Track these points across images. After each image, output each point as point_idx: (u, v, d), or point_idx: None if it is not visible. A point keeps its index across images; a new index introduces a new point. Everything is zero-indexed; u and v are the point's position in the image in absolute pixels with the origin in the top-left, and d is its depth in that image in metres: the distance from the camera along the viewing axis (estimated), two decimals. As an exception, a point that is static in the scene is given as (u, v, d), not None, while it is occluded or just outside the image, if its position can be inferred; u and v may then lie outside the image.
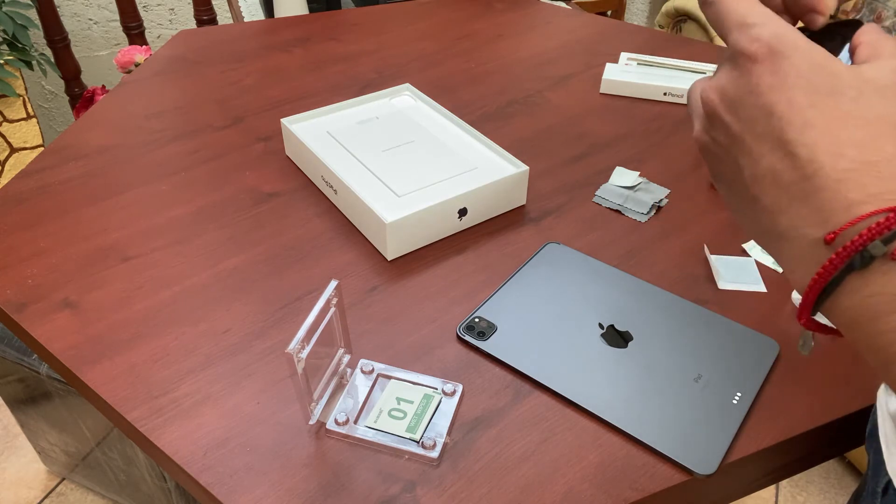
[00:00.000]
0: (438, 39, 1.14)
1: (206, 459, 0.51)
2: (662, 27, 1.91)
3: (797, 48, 0.29)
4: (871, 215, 0.26)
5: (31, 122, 1.70)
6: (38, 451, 1.30)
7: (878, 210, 0.26)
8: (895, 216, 0.25)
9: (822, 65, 0.28)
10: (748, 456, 0.52)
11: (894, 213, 0.25)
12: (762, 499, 1.36)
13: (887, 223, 0.26)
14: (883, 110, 0.28)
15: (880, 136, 0.27)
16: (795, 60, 0.28)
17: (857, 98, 0.28)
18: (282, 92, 0.98)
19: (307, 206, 0.76)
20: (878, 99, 0.28)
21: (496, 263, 0.69)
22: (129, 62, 1.59)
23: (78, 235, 0.71)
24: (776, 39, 0.29)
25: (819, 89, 0.28)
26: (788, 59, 0.29)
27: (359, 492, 0.49)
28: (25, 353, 1.05)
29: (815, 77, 0.28)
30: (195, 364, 0.58)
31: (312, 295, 0.65)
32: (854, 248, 0.26)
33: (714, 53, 1.10)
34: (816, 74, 0.28)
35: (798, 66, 0.28)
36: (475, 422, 0.54)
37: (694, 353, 0.58)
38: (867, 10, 1.61)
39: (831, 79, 0.28)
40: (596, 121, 0.93)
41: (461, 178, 0.74)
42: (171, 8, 2.03)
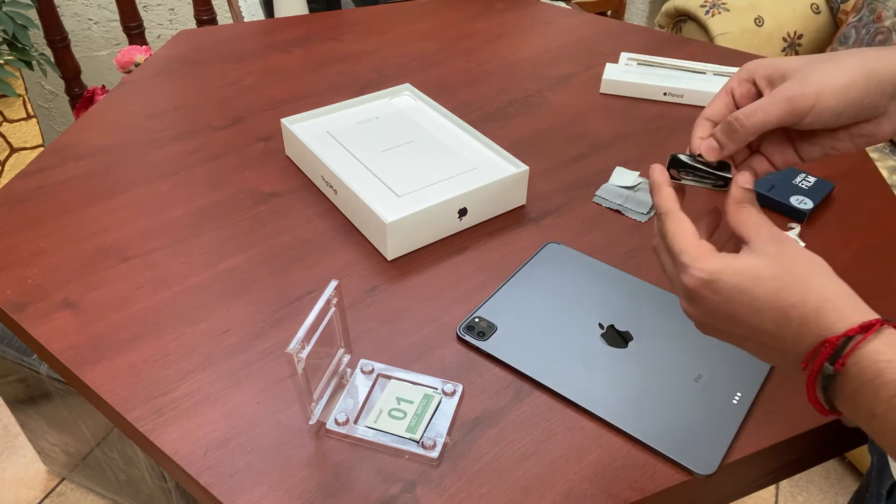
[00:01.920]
0: (438, 39, 1.14)
1: (206, 459, 0.51)
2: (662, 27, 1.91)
3: (720, 274, 0.40)
4: (816, 348, 0.37)
5: (31, 122, 1.70)
6: (38, 451, 1.30)
7: (818, 344, 0.37)
8: (829, 346, 0.37)
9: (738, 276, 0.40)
10: (748, 456, 0.52)
11: (828, 344, 0.37)
12: (762, 499, 1.36)
13: (827, 351, 0.37)
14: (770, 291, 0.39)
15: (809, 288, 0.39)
16: (725, 280, 0.40)
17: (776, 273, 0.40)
18: (282, 92, 0.98)
19: (307, 206, 0.76)
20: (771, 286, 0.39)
21: (496, 263, 0.69)
22: (129, 62, 1.59)
23: (78, 235, 0.71)
24: (708, 276, 0.40)
25: (750, 289, 0.39)
26: (719, 281, 0.40)
27: (359, 492, 0.49)
28: (25, 353, 1.05)
29: (744, 282, 0.40)
30: (195, 364, 0.58)
31: (312, 295, 0.65)
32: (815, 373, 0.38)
33: (714, 53, 1.10)
34: (744, 277, 0.40)
35: (728, 282, 0.40)
36: (475, 422, 0.54)
37: (694, 353, 0.58)
38: (867, 10, 1.61)
39: (753, 276, 0.40)
40: (596, 121, 0.93)
41: (461, 178, 0.74)
42: (171, 8, 2.03)
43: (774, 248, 0.40)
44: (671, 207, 0.44)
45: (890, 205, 0.78)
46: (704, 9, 1.75)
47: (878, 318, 0.37)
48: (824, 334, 0.37)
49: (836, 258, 0.70)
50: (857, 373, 0.36)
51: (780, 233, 0.42)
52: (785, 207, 0.76)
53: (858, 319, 0.37)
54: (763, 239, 0.41)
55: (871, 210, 0.77)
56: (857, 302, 0.38)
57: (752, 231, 0.42)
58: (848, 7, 1.77)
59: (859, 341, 0.36)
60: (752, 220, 0.42)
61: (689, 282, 0.41)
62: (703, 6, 1.76)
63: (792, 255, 0.40)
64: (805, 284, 0.39)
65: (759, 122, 0.42)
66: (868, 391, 0.36)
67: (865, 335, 0.36)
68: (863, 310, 0.38)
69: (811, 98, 0.41)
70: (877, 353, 0.36)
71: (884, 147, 1.51)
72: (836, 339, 0.37)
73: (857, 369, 0.36)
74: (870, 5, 1.61)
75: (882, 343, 0.36)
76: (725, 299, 0.40)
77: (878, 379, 0.35)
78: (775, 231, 0.42)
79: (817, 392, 0.39)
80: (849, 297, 0.38)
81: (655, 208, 0.45)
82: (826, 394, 0.38)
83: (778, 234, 0.41)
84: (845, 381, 0.37)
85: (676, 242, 0.43)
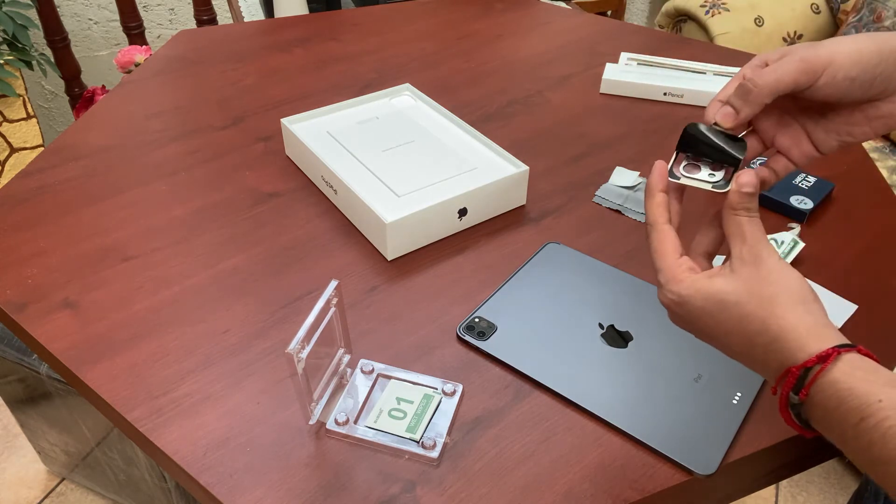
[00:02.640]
0: (438, 39, 1.14)
1: (206, 459, 0.51)
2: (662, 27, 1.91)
3: (689, 298, 0.42)
4: (781, 378, 0.39)
5: (31, 122, 1.70)
6: (38, 451, 1.30)
7: (782, 374, 0.39)
8: (791, 377, 0.38)
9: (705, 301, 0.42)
10: (748, 456, 0.52)
11: (790, 374, 0.38)
12: (762, 499, 1.35)
13: (789, 381, 0.38)
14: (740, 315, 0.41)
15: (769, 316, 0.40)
16: (691, 303, 0.42)
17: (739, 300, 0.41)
18: (282, 92, 0.98)
19: (307, 206, 0.76)
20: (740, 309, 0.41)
21: (496, 263, 0.69)
22: (129, 62, 1.59)
23: (78, 235, 0.71)
24: (675, 297, 0.42)
25: (714, 311, 0.41)
26: (688, 303, 0.42)
27: (359, 492, 0.49)
28: (25, 353, 1.05)
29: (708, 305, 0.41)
30: (195, 364, 0.58)
31: (312, 295, 0.65)
32: (784, 401, 0.39)
33: (714, 53, 1.10)
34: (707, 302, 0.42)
35: (693, 306, 0.42)
36: (475, 422, 0.54)
37: (694, 353, 0.58)
38: (867, 10, 1.61)
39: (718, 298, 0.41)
40: (596, 121, 0.93)
41: (461, 178, 0.74)
42: (171, 8, 2.03)
43: (748, 269, 0.41)
44: (656, 219, 0.45)
45: (890, 205, 0.78)
46: (704, 9, 1.75)
47: (835, 347, 0.37)
48: (786, 363, 0.38)
49: (836, 258, 0.70)
50: (822, 401, 0.37)
51: (760, 250, 0.41)
52: (785, 207, 0.76)
53: (816, 349, 0.37)
54: (741, 257, 0.41)
55: (871, 210, 0.77)
56: (820, 329, 0.38)
57: (735, 245, 0.42)
58: (848, 7, 1.77)
59: (818, 372, 0.37)
60: (739, 232, 0.42)
61: (662, 300, 0.44)
62: (703, 6, 1.76)
63: (764, 278, 0.40)
64: (768, 311, 0.39)
65: (771, 81, 0.41)
66: (835, 417, 0.37)
67: (824, 366, 0.37)
68: (825, 336, 0.38)
69: (824, 58, 0.40)
70: (836, 383, 0.37)
71: (884, 147, 1.51)
72: (797, 369, 0.38)
73: (820, 398, 0.37)
74: (870, 5, 1.61)
75: (840, 372, 0.37)
76: (696, 318, 0.42)
77: (841, 406, 0.36)
78: (756, 247, 0.41)
79: (791, 414, 0.40)
80: (812, 324, 0.38)
81: (647, 216, 0.45)
82: (799, 417, 0.40)
83: (758, 251, 0.41)
84: (812, 408, 0.38)
85: (656, 259, 0.44)
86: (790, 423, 0.40)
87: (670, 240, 0.44)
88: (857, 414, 0.36)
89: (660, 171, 0.45)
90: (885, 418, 0.35)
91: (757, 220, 0.42)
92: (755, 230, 0.41)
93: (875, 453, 0.35)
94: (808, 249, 0.70)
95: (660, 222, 0.44)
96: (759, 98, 0.42)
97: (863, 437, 0.35)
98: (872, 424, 0.35)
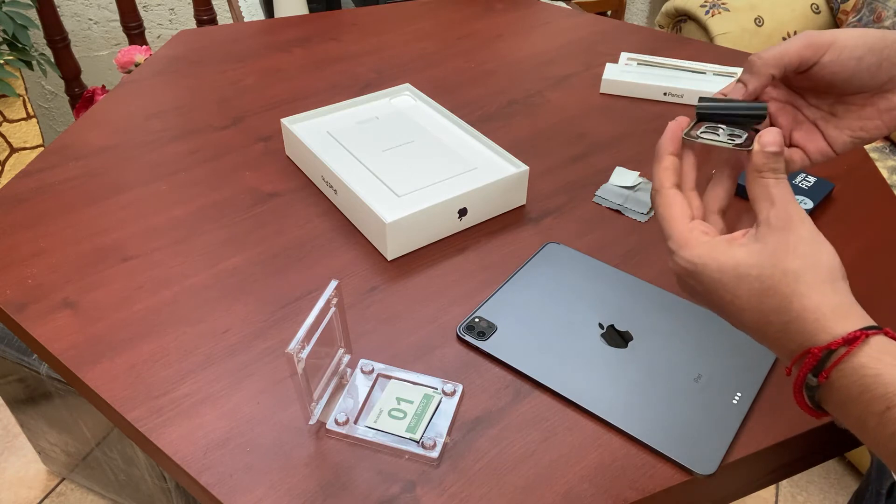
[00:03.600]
0: (438, 39, 1.14)
1: (206, 459, 0.51)
2: (662, 27, 1.91)
3: (703, 267, 0.39)
4: (799, 358, 0.37)
5: (31, 122, 1.70)
6: (38, 451, 1.30)
7: (800, 354, 0.37)
8: (812, 358, 0.36)
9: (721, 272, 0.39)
10: (748, 456, 0.52)
11: (810, 355, 0.36)
12: (762, 499, 1.36)
13: (809, 362, 0.36)
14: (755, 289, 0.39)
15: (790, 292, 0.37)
16: (704, 274, 0.40)
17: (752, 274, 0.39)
18: (282, 92, 0.98)
19: (307, 206, 0.76)
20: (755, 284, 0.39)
21: (496, 263, 0.69)
22: (129, 62, 1.59)
23: (78, 235, 0.71)
24: (689, 265, 0.40)
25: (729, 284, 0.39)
26: (701, 274, 0.40)
27: (359, 492, 0.49)
28: (25, 353, 1.05)
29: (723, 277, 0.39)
30: (195, 364, 0.58)
31: (312, 295, 0.65)
32: (800, 382, 0.37)
33: (714, 53, 1.10)
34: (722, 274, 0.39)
35: (707, 276, 0.40)
36: (475, 422, 0.54)
37: (694, 353, 0.58)
38: (867, 10, 1.61)
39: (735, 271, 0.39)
40: (596, 121, 0.93)
41: (461, 178, 0.74)
42: (171, 8, 2.03)
43: (776, 236, 0.38)
44: (662, 183, 0.42)
45: (890, 205, 0.78)
46: (704, 9, 1.75)
47: (863, 329, 0.35)
48: (806, 344, 0.36)
49: (836, 258, 0.70)
50: (843, 386, 0.35)
51: (791, 212, 0.38)
52: (785, 207, 0.75)
53: (842, 331, 0.35)
54: (768, 222, 0.39)
55: (871, 210, 0.77)
56: (846, 309, 0.37)
57: (762, 209, 0.39)
58: (848, 7, 1.77)
59: (843, 355, 0.35)
60: (766, 195, 0.39)
61: (674, 267, 0.41)
62: (703, 6, 1.76)
63: (793, 248, 0.38)
64: (791, 288, 0.37)
65: (777, 52, 0.41)
66: (857, 404, 0.35)
67: (850, 349, 0.35)
68: (851, 317, 0.36)
69: (828, 37, 0.41)
70: (862, 368, 0.35)
71: (884, 147, 1.51)
72: (819, 350, 0.36)
73: (842, 383, 0.35)
74: (870, 5, 1.61)
75: (867, 356, 0.35)
76: (708, 290, 0.40)
77: (866, 394, 0.34)
78: (787, 209, 0.38)
79: (804, 397, 0.38)
80: (837, 304, 0.37)
81: (653, 180, 0.43)
82: (812, 400, 0.38)
83: (789, 214, 0.38)
84: (831, 392, 0.36)
85: (665, 226, 0.42)
86: (802, 406, 0.38)
87: (678, 203, 0.42)
88: (883, 402, 0.33)
89: (672, 133, 0.43)
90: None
91: (785, 183, 0.39)
92: (784, 192, 0.39)
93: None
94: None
95: (665, 186, 0.42)
96: (765, 69, 0.42)
97: (888, 427, 0.33)
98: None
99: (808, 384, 0.36)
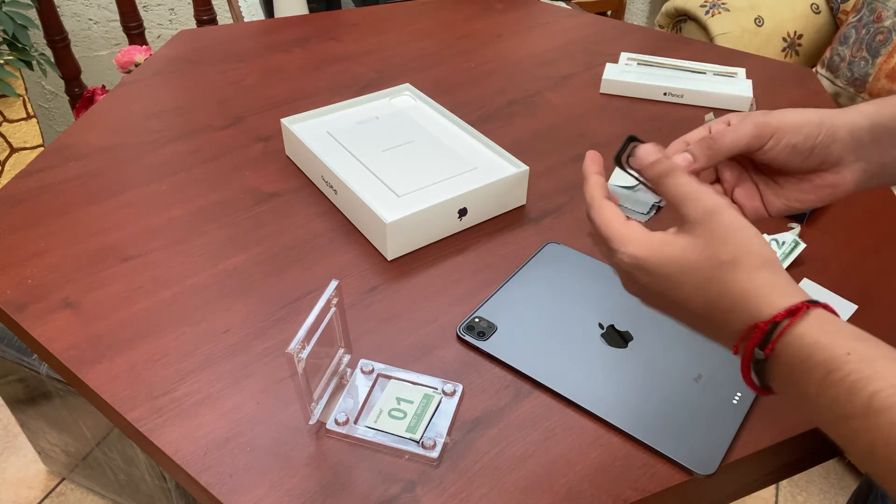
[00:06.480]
0: (438, 39, 1.14)
1: (206, 459, 0.51)
2: (662, 27, 1.91)
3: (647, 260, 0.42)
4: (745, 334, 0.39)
5: (31, 122, 1.70)
6: (38, 451, 1.30)
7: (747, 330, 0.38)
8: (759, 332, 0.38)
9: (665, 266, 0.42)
10: (748, 456, 0.52)
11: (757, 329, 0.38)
12: (762, 499, 1.36)
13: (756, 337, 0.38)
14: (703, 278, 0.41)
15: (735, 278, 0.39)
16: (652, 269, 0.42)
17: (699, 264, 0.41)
18: (282, 92, 0.98)
19: (307, 206, 0.76)
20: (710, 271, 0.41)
21: (496, 263, 0.69)
22: (129, 62, 1.59)
23: (78, 235, 0.71)
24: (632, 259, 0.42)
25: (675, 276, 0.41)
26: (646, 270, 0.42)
27: (359, 492, 0.49)
28: (25, 353, 1.05)
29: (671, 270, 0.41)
30: (195, 364, 0.58)
31: (312, 295, 0.65)
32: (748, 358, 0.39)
33: (714, 53, 1.10)
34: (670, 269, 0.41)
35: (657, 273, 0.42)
36: (475, 422, 0.54)
37: (694, 353, 0.58)
38: (867, 10, 1.61)
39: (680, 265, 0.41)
40: (596, 121, 0.93)
41: (461, 178, 0.74)
42: (171, 8, 2.03)
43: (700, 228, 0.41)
44: (594, 196, 0.46)
45: (890, 205, 0.78)
46: (704, 9, 1.75)
47: (804, 302, 0.37)
48: (752, 320, 0.38)
49: (836, 258, 0.70)
50: (788, 357, 0.37)
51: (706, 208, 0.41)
52: (785, 207, 0.76)
53: (783, 304, 0.37)
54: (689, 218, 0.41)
55: (871, 210, 0.77)
56: (786, 286, 0.39)
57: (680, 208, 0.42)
58: (848, 7, 1.77)
59: (786, 325, 0.37)
60: (675, 196, 0.42)
61: (619, 264, 0.44)
62: (703, 6, 1.76)
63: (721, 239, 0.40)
64: (731, 275, 0.39)
65: (728, 142, 0.46)
66: (799, 374, 0.36)
67: (792, 319, 0.37)
68: (792, 293, 0.38)
69: (773, 126, 0.46)
70: (804, 337, 0.36)
71: (884, 147, 1.51)
72: (765, 324, 0.37)
73: (787, 353, 0.37)
74: (870, 5, 1.61)
75: (809, 326, 0.37)
76: (655, 281, 0.42)
77: (808, 361, 0.36)
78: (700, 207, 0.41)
79: (752, 375, 0.39)
80: (777, 283, 0.39)
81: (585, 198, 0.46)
82: (760, 377, 0.39)
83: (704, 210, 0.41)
84: (777, 365, 0.38)
85: (603, 230, 0.44)
86: (749, 384, 0.40)
87: (611, 208, 0.45)
88: (823, 368, 0.35)
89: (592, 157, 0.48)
90: (852, 371, 0.34)
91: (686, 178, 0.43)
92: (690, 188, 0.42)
93: (839, 409, 0.35)
94: (808, 249, 0.70)
95: (597, 197, 0.45)
96: (717, 156, 0.46)
97: (827, 393, 0.35)
98: (838, 378, 0.35)
99: (756, 358, 0.38)
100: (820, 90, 1.01)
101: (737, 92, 0.95)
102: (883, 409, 0.33)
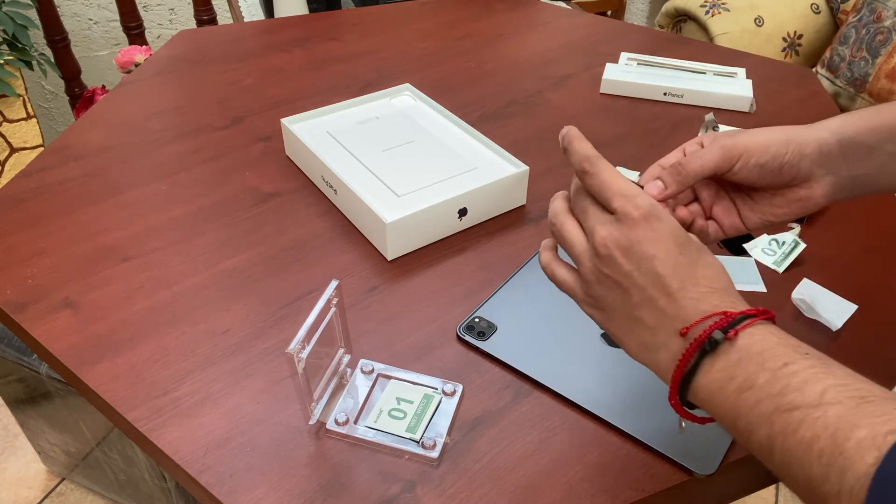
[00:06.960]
0: (438, 39, 1.14)
1: (206, 459, 0.51)
2: (662, 27, 1.91)
3: (664, 215, 0.42)
4: (711, 316, 0.40)
5: (31, 122, 1.70)
6: (38, 451, 1.30)
7: (716, 313, 0.40)
8: (726, 318, 0.39)
9: (680, 227, 0.42)
10: (748, 456, 0.52)
11: (725, 315, 0.39)
12: (762, 499, 1.35)
13: (722, 321, 0.39)
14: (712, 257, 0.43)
15: (720, 273, 0.42)
16: (665, 223, 0.42)
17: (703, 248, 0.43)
18: (282, 92, 0.98)
19: (307, 206, 0.76)
20: None
21: (496, 263, 0.69)
22: (129, 62, 1.59)
23: (78, 235, 0.71)
24: (652, 208, 0.42)
25: (681, 242, 0.42)
26: (661, 221, 0.42)
27: (359, 492, 0.49)
28: (25, 353, 1.05)
29: (678, 234, 0.42)
30: (195, 364, 0.58)
31: (312, 295, 0.65)
32: (703, 337, 0.39)
33: (714, 53, 1.10)
34: (679, 232, 0.42)
35: (667, 226, 0.42)
36: (475, 422, 0.54)
37: (694, 353, 0.58)
38: (867, 10, 1.61)
39: (687, 236, 0.42)
40: (596, 121, 0.93)
41: (461, 178, 0.74)
42: (171, 8, 2.03)
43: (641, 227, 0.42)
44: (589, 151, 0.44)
45: (890, 205, 0.78)
46: (704, 9, 1.75)
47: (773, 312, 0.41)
48: (722, 307, 0.40)
49: (836, 258, 0.70)
50: (746, 345, 0.38)
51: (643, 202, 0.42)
52: (785, 207, 0.76)
53: (754, 307, 0.40)
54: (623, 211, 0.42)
55: (871, 210, 0.77)
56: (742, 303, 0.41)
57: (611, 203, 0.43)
58: (848, 7, 1.77)
59: (757, 319, 0.39)
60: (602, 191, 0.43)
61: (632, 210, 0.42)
62: (703, 6, 1.76)
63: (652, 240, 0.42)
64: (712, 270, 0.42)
65: (696, 167, 0.47)
66: (751, 362, 0.38)
67: (770, 315, 0.40)
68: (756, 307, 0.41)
69: (740, 148, 0.47)
70: (770, 332, 0.39)
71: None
72: (736, 313, 0.39)
73: (747, 342, 0.39)
74: (870, 5, 1.61)
75: (775, 328, 0.40)
76: (658, 238, 0.41)
77: (767, 352, 0.38)
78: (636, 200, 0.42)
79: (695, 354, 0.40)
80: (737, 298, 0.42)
81: (577, 161, 0.44)
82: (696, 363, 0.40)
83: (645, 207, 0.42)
84: (729, 351, 0.39)
85: (608, 186, 0.43)
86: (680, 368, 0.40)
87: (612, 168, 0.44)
88: (780, 360, 0.37)
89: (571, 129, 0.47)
90: (810, 366, 0.36)
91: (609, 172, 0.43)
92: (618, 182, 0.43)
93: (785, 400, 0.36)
94: (808, 249, 0.70)
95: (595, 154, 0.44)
96: (686, 181, 0.47)
97: (778, 383, 0.36)
98: (794, 370, 0.36)
99: (712, 338, 0.39)
100: (820, 90, 1.01)
101: (737, 92, 0.95)
102: (835, 401, 0.34)
